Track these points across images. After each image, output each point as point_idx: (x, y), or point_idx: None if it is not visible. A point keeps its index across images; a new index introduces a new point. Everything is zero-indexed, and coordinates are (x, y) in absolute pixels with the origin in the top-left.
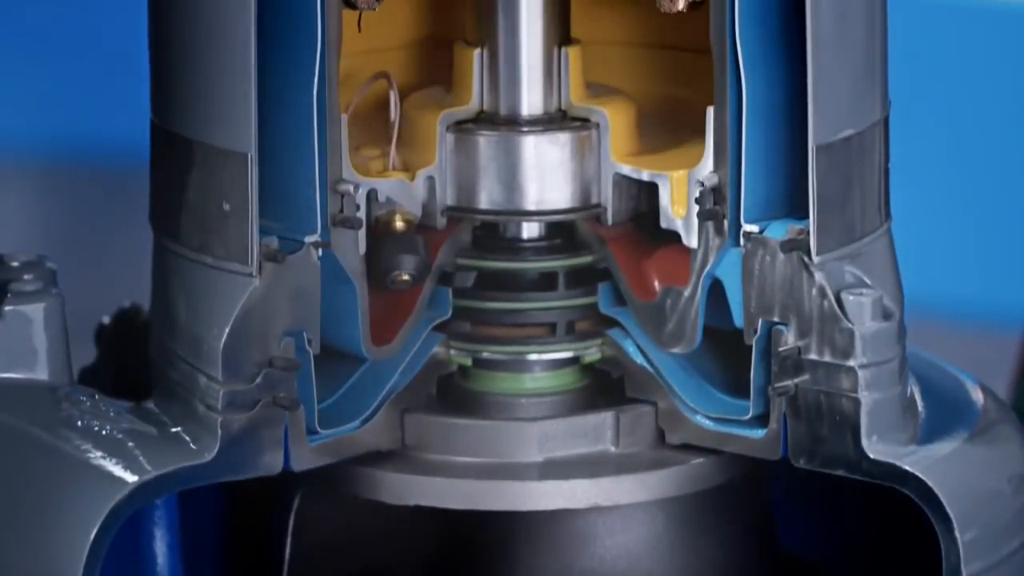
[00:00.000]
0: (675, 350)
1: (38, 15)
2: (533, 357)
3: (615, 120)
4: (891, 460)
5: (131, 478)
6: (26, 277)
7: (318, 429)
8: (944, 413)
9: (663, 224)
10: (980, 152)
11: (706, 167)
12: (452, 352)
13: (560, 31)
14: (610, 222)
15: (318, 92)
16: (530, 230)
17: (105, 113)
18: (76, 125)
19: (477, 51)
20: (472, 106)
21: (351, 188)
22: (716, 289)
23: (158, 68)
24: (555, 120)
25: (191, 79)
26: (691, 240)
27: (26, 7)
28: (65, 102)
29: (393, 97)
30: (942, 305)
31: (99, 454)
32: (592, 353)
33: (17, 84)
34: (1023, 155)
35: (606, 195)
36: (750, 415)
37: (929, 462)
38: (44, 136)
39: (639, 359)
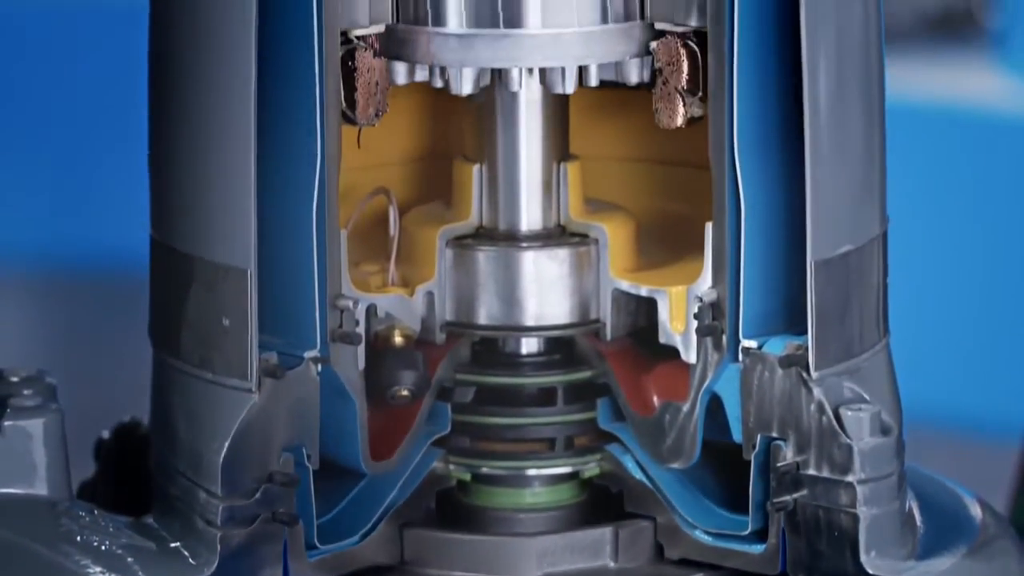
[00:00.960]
0: (674, 465)
1: (39, 128)
2: (532, 472)
3: (614, 236)
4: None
5: None
6: (26, 392)
7: (317, 544)
8: (943, 528)
9: (662, 339)
10: (979, 265)
11: (705, 283)
12: (451, 467)
13: (559, 147)
14: (609, 337)
15: (318, 208)
16: (529, 345)
17: (105, 226)
18: (76, 238)
19: (476, 167)
20: (471, 221)
21: (350, 304)
22: (715, 404)
23: (158, 183)
24: (554, 236)
25: (191, 195)
26: (690, 355)
27: (27, 119)
28: (65, 215)
29: (392, 213)
30: (940, 417)
31: (98, 570)
32: (591, 468)
33: (17, 197)
34: (1021, 268)
35: (605, 310)
36: (749, 530)
37: None
38: (44, 249)
39: (638, 474)
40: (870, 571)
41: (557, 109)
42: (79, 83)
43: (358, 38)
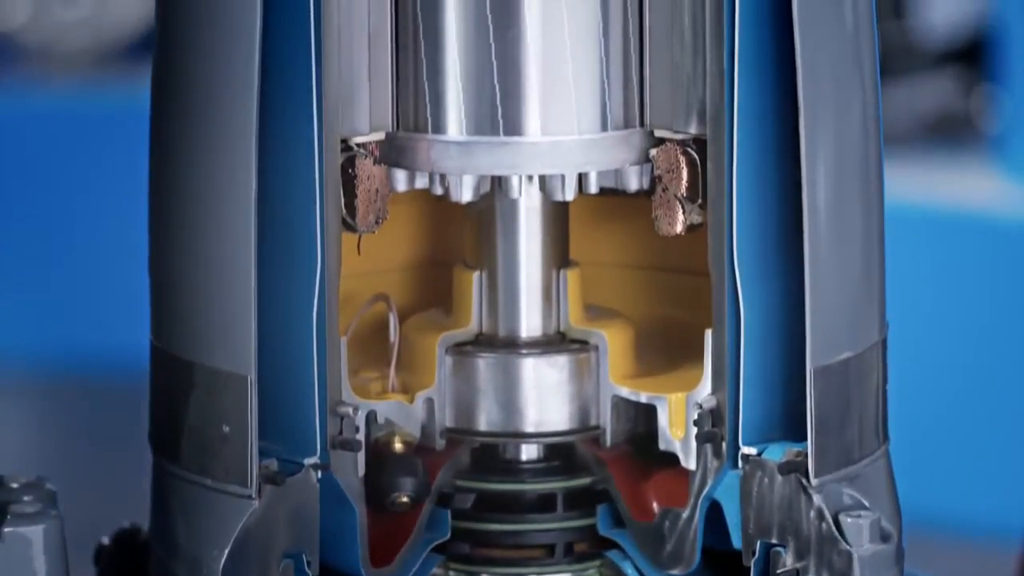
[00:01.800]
0: (674, 571)
1: (38, 231)
2: None
3: (613, 342)
4: None
5: None
6: (26, 498)
7: None
8: None
9: (661, 446)
10: (978, 369)
11: (704, 389)
12: (451, 573)
13: (559, 254)
14: (608, 443)
15: (318, 315)
16: (529, 452)
17: (104, 331)
18: (76, 343)
19: (476, 274)
20: (471, 328)
21: (350, 410)
22: (714, 510)
23: (158, 290)
24: (554, 342)
25: (191, 302)
26: (689, 462)
27: (26, 224)
28: (64, 320)
29: (392, 320)
30: (940, 522)
31: None
32: (591, 574)
33: (17, 301)
34: (1020, 372)
35: (605, 417)
36: None
37: None
38: (44, 354)
39: None
40: None
41: (557, 216)
42: (79, 187)
43: (358, 145)
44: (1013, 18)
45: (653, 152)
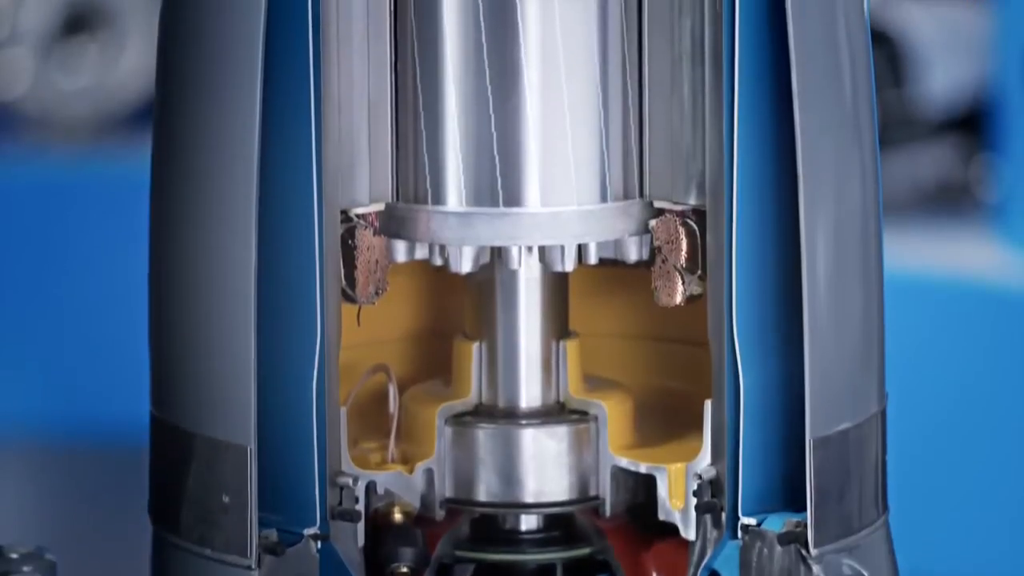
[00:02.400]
0: None
1: (37, 299)
2: None
3: (613, 413)
4: None
5: None
6: (26, 569)
7: None
8: None
9: (661, 516)
10: (978, 438)
11: (704, 460)
12: None
13: (559, 325)
14: (608, 514)
15: (317, 386)
16: (528, 522)
17: (104, 400)
18: (75, 412)
19: (476, 345)
20: (471, 399)
21: (350, 481)
22: None
23: (158, 360)
24: (553, 413)
25: (191, 372)
26: (689, 532)
27: (26, 293)
28: (64, 389)
29: (392, 390)
30: None
31: None
32: None
33: (17, 370)
34: (1020, 441)
35: (604, 487)
36: None
37: None
38: (43, 423)
39: None
40: None
41: (556, 287)
42: (79, 256)
43: (358, 216)
44: (1012, 87)
45: (652, 223)
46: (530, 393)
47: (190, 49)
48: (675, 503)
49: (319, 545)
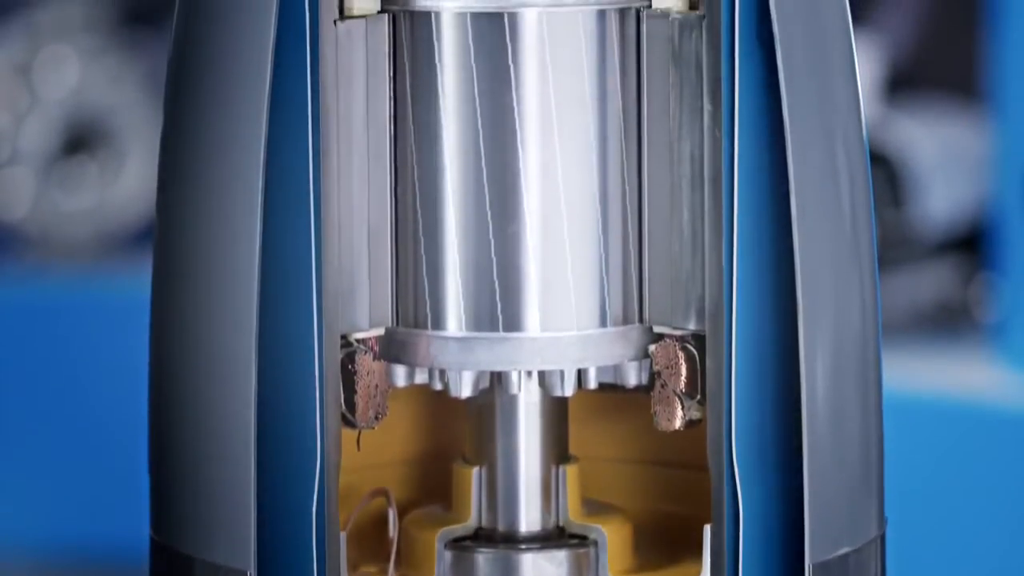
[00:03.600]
0: None
1: (37, 420)
2: None
3: (612, 537)
4: None
5: None
6: None
7: None
8: None
9: None
10: (981, 560)
11: None
12: None
13: (558, 449)
14: None
15: (317, 510)
16: None
17: (104, 522)
18: (75, 534)
19: (476, 470)
20: (471, 523)
21: None
22: None
23: (157, 483)
24: (553, 537)
25: (190, 496)
26: None
27: (26, 413)
28: (64, 510)
29: (391, 514)
30: None
31: None
32: None
33: (16, 490)
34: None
35: None
36: None
37: None
38: (43, 544)
39: None
40: None
41: (556, 412)
42: (79, 377)
43: (358, 341)
44: (1012, 207)
45: (652, 348)
46: (530, 517)
47: (189, 178)
48: None
49: None
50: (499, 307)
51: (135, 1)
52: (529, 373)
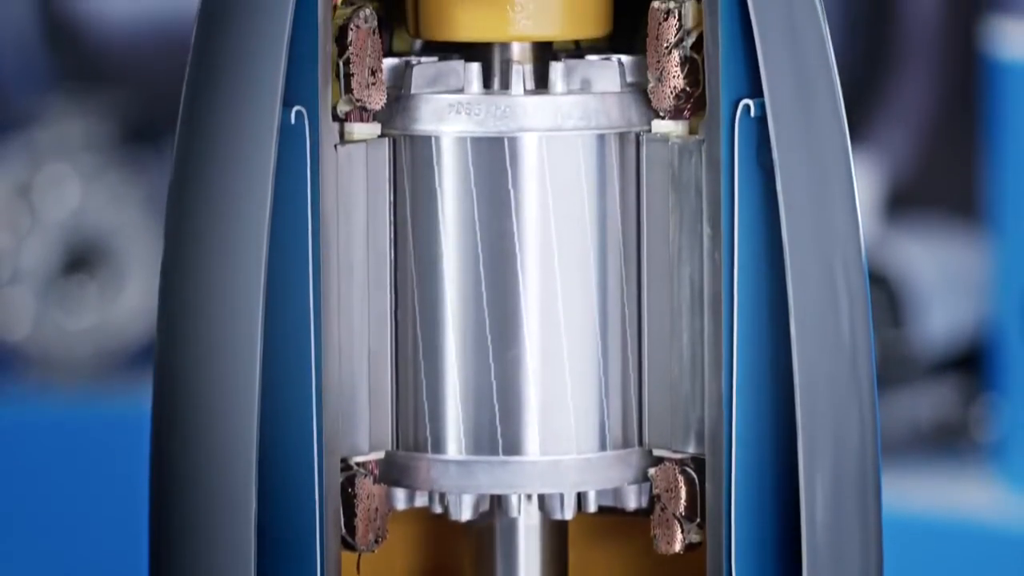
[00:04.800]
0: None
1: (37, 540)
2: None
3: None
4: None
5: None
6: None
7: None
8: None
9: None
10: None
11: None
12: None
13: (558, 572)
14: None
15: None
16: None
17: None
18: None
19: None
20: None
21: None
22: None
23: None
24: None
25: None
26: None
27: (25, 534)
28: None
29: None
30: None
31: None
32: None
33: None
34: None
35: None
36: None
37: None
38: None
39: None
40: None
41: (556, 534)
42: (79, 496)
43: (358, 465)
44: (1011, 327)
45: (652, 471)
46: None
47: (190, 303)
48: None
49: None
50: (499, 430)
51: (136, 120)
52: (529, 496)
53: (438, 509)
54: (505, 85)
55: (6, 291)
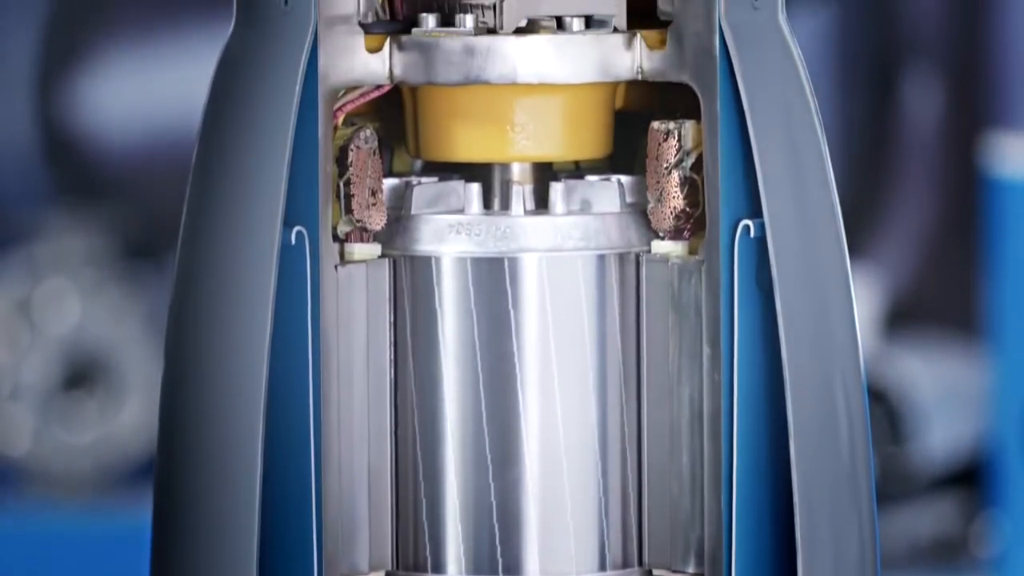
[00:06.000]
0: None
1: None
2: None
3: None
4: None
5: None
6: None
7: None
8: None
9: None
10: None
11: None
12: None
13: None
14: None
15: None
16: None
17: None
18: None
19: None
20: None
21: None
22: None
23: None
24: None
25: None
26: None
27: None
28: None
29: None
30: None
31: None
32: None
33: None
34: None
35: None
36: None
37: None
38: None
39: None
40: None
41: None
42: None
43: None
44: (1010, 442)
45: None
46: None
47: (190, 423)
48: None
49: None
50: (499, 550)
51: (136, 235)
52: None
53: None
54: (505, 205)
55: (6, 406)
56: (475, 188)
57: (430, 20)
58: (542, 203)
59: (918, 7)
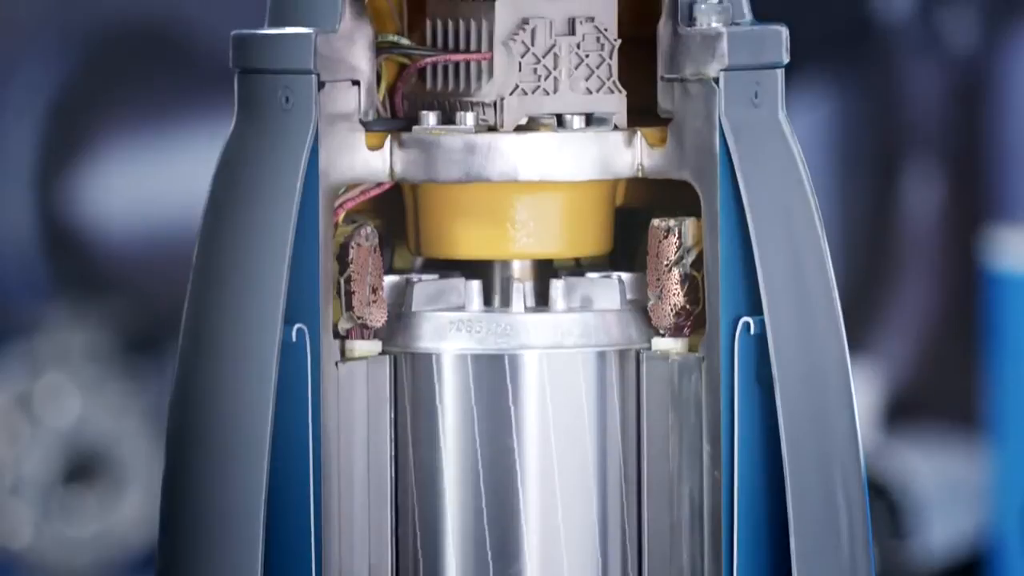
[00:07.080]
0: None
1: None
2: None
3: None
4: None
5: None
6: None
7: None
8: None
9: None
10: None
11: None
12: None
13: None
14: None
15: None
16: None
17: None
18: None
19: None
20: None
21: None
22: None
23: None
24: None
25: None
26: None
27: None
28: None
29: None
30: None
31: None
32: None
33: None
34: None
35: None
36: None
37: None
38: None
39: None
40: None
41: None
42: None
43: None
44: (1010, 536)
45: None
46: None
47: (189, 521)
48: None
49: None
50: None
51: (137, 330)
52: None
53: None
54: (506, 302)
55: (7, 500)
56: (476, 285)
57: (431, 118)
58: (542, 300)
59: (917, 101)
